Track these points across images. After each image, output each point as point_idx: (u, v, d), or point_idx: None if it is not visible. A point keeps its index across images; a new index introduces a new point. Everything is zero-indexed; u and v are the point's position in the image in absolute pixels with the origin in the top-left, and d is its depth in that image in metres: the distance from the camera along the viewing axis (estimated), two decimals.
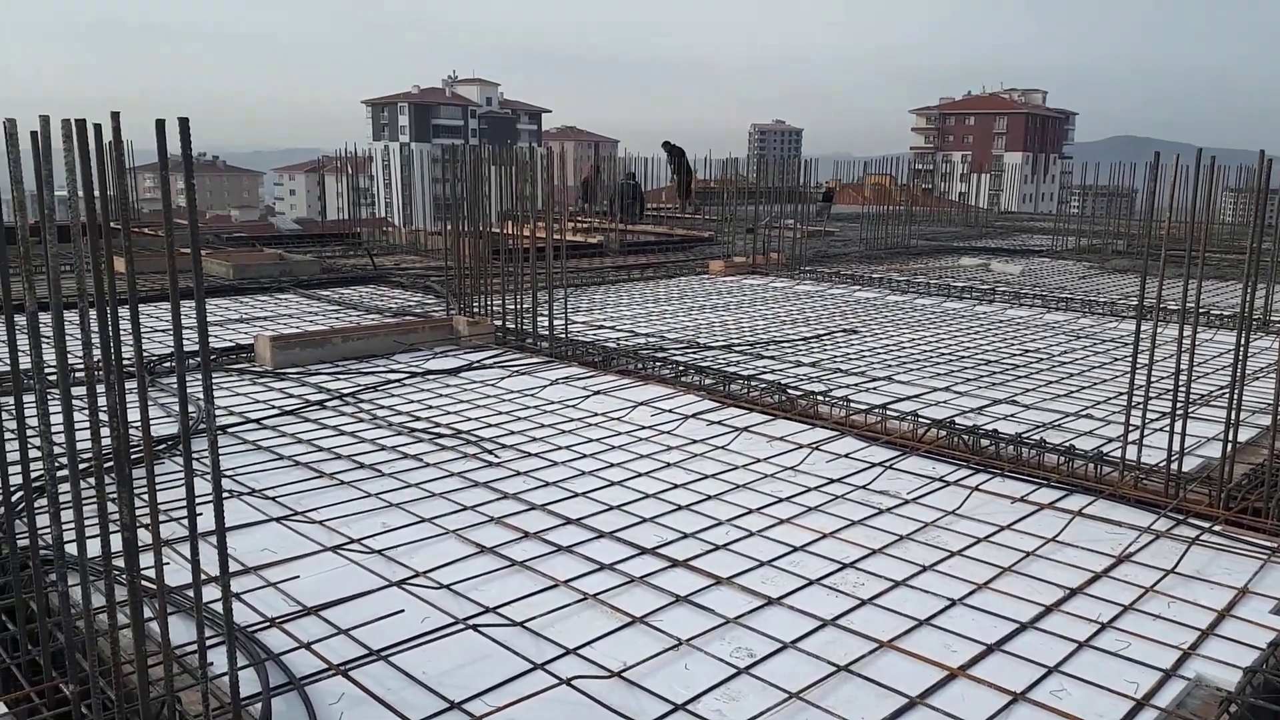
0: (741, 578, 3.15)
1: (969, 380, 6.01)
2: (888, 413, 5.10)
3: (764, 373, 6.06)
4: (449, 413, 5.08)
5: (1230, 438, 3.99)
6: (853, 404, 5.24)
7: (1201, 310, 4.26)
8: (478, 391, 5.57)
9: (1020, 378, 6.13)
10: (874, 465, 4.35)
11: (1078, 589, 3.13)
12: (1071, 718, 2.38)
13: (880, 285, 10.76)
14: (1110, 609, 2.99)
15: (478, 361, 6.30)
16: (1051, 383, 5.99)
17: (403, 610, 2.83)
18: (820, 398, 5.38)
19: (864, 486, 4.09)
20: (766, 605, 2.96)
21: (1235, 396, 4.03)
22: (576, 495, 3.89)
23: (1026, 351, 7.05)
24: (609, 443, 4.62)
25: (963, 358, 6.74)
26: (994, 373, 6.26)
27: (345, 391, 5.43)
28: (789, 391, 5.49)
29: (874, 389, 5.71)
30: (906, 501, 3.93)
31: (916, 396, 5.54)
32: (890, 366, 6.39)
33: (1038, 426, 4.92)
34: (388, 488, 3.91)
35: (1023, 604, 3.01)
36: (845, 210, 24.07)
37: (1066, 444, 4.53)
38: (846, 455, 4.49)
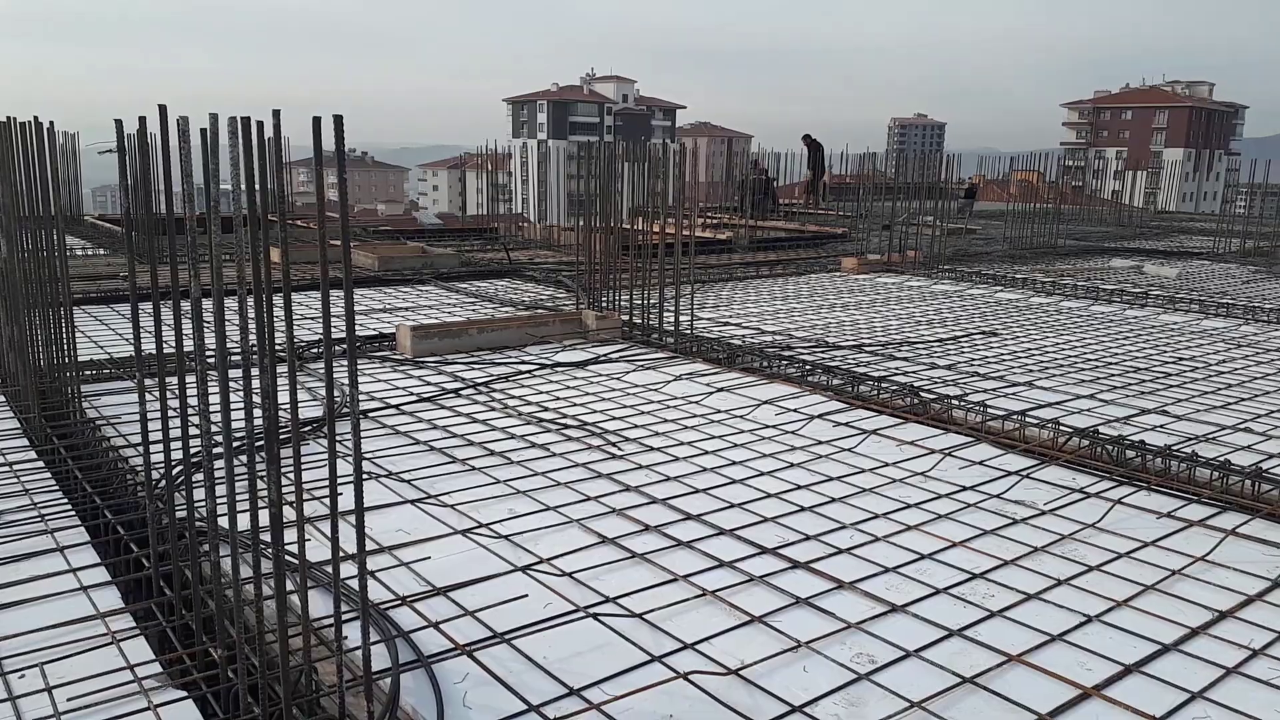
0: (865, 583, 3.09)
1: (1116, 388, 5.70)
2: (1026, 420, 4.90)
3: (896, 374, 5.92)
4: (575, 404, 5.18)
5: None
6: (989, 410, 5.06)
7: None
8: (603, 385, 5.65)
9: (1172, 387, 5.77)
10: (1010, 474, 4.19)
11: (1228, 612, 2.94)
12: None
13: (1024, 286, 10.33)
14: (1264, 635, 2.79)
15: (604, 355, 6.40)
16: (1206, 393, 5.62)
17: (527, 595, 2.91)
18: (955, 402, 5.21)
19: (998, 495, 3.95)
20: (890, 612, 2.90)
21: None
22: (697, 491, 3.90)
23: (1180, 359, 6.63)
24: (731, 440, 4.61)
25: (1110, 364, 6.40)
26: (1143, 381, 5.92)
27: (479, 381, 5.61)
28: (921, 394, 5.35)
29: (1013, 395, 5.50)
30: (1043, 513, 3.77)
31: (1058, 404, 5.29)
32: (1031, 372, 6.13)
33: (1190, 439, 4.62)
34: (515, 475, 4.02)
35: (1166, 624, 2.85)
36: (989, 208, 23.18)
37: (1221, 458, 4.24)
38: (981, 463, 4.34)
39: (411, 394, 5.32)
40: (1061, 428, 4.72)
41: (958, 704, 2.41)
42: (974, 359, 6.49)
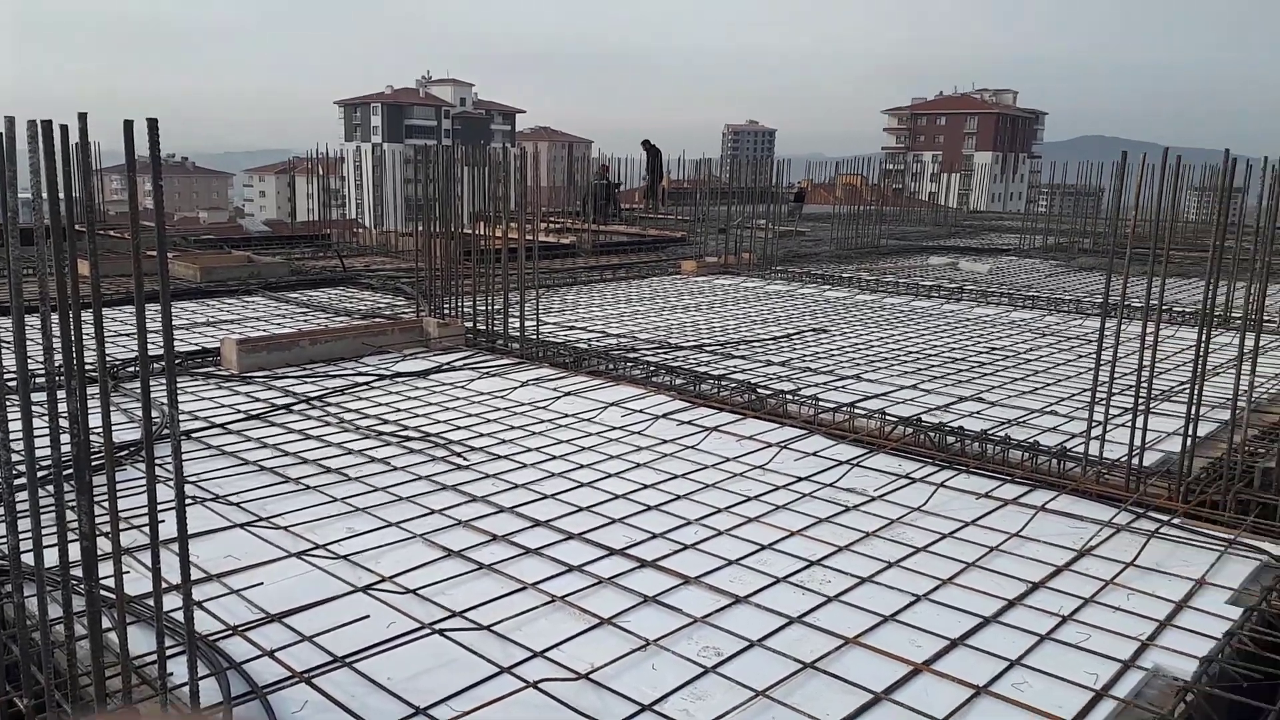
0: (709, 577, 3.16)
1: (936, 378, 6.07)
2: (855, 411, 5.14)
3: (734, 372, 6.08)
4: (417, 415, 5.06)
5: (1190, 432, 4.06)
6: (821, 402, 5.28)
7: (1164, 307, 4.34)
8: (447, 394, 5.55)
9: (986, 375, 6.19)
10: (841, 463, 4.39)
11: (1040, 583, 3.17)
12: (1033, 710, 2.41)
13: (850, 285, 10.83)
14: (1072, 602, 3.04)
15: (447, 364, 6.28)
16: (1016, 380, 6.06)
17: (368, 616, 2.82)
18: (789, 397, 5.41)
19: (831, 484, 4.12)
20: (734, 604, 2.98)
21: (1195, 392, 4.09)
22: (545, 497, 3.88)
23: (992, 349, 7.12)
24: (579, 444, 4.63)
25: (930, 356, 6.80)
26: (960, 370, 6.32)
27: (312, 395, 5.40)
28: (758, 391, 5.52)
29: (842, 387, 5.75)
30: (873, 499, 3.97)
31: (884, 394, 5.58)
32: (859, 365, 6.43)
33: (1002, 423, 4.97)
34: (354, 492, 3.89)
35: (986, 599, 3.05)
36: (817, 210, 24.20)
37: (1030, 440, 4.58)
38: (815, 453, 4.52)
39: (239, 411, 5.06)
40: (888, 417, 4.97)
41: (799, 689, 2.50)
42: (806, 355, 6.75)
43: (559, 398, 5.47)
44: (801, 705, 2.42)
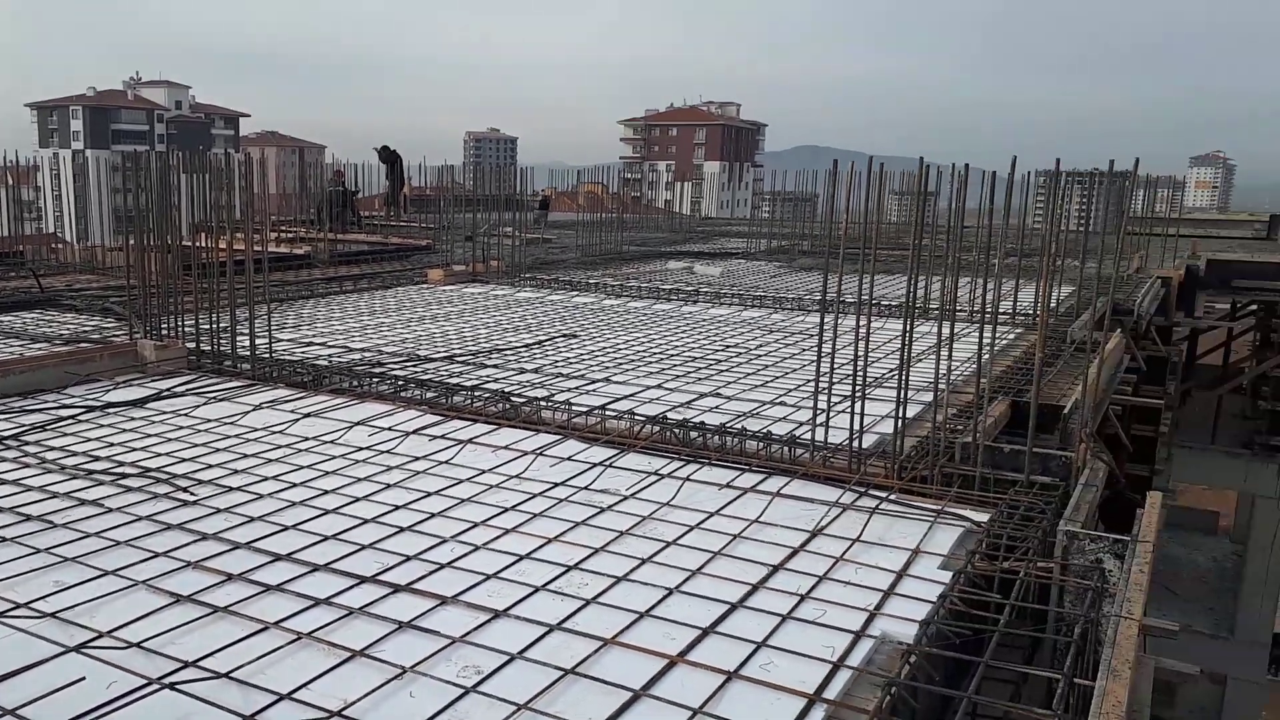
0: (468, 594, 3.11)
1: (679, 376, 6.32)
2: (606, 413, 5.24)
3: (487, 382, 6.02)
4: (134, 449, 4.60)
5: (900, 415, 4.48)
6: (574, 407, 5.34)
7: (874, 301, 4.77)
8: (168, 423, 5.09)
9: (723, 371, 6.53)
10: (595, 465, 4.46)
11: (779, 565, 3.38)
12: (780, 689, 2.56)
13: (596, 290, 11.06)
14: (808, 580, 3.26)
15: (167, 390, 5.76)
16: (750, 374, 6.44)
17: (83, 678, 2.52)
18: (543, 403, 5.43)
19: (586, 487, 4.18)
20: (494, 619, 2.94)
21: (903, 378, 4.53)
22: (286, 529, 3.65)
23: (728, 347, 7.52)
24: (322, 469, 4.39)
25: (672, 356, 7.08)
26: (700, 368, 6.62)
27: (6, 433, 4.77)
28: (512, 399, 5.50)
29: (593, 391, 5.85)
30: (626, 497, 4.06)
31: (632, 395, 5.74)
32: (608, 368, 6.58)
33: (739, 416, 5.26)
34: (61, 540, 3.47)
35: (733, 585, 3.21)
36: (561, 218, 24.54)
37: (764, 430, 4.88)
38: (569, 458, 4.57)
39: None
40: (636, 417, 5.12)
41: (561, 696, 2.51)
42: (558, 360, 6.82)
43: (297, 420, 5.17)
44: (564, 712, 2.43)
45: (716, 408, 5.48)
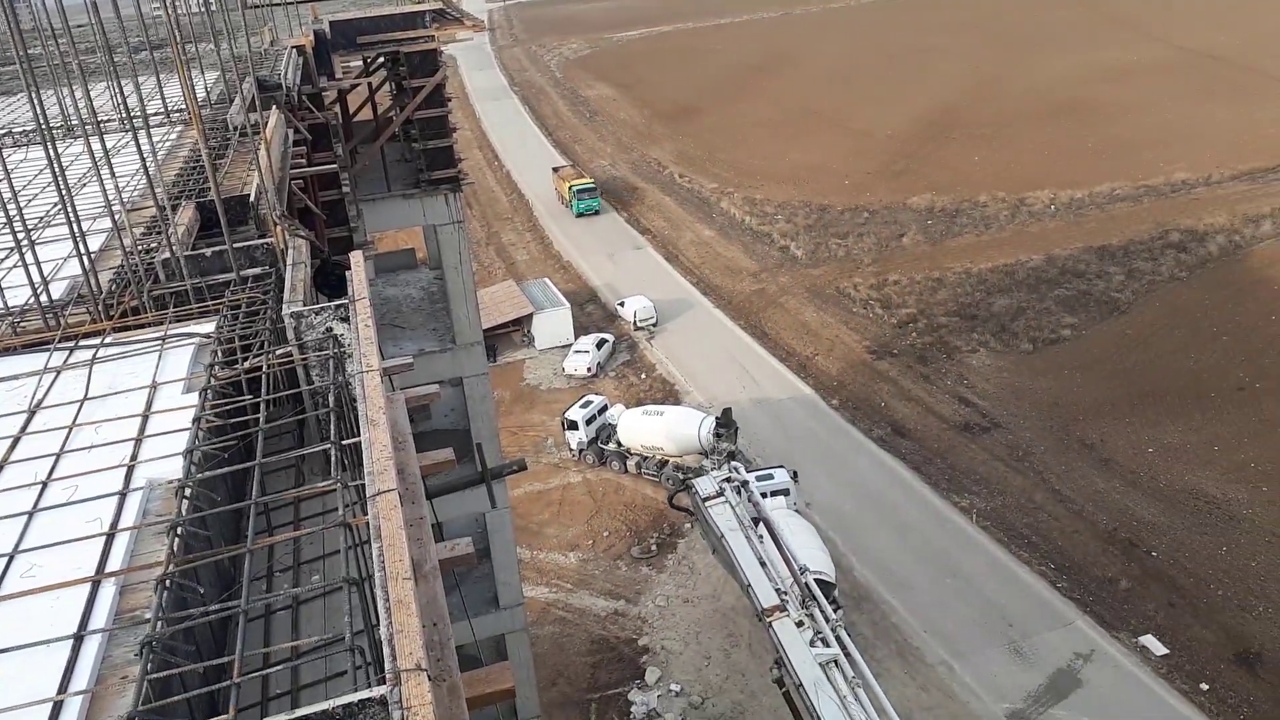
0: None
1: None
2: None
3: None
4: None
5: (84, 251, 4.02)
6: None
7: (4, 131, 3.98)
8: None
9: None
10: None
11: (4, 460, 2.92)
12: (55, 586, 2.29)
13: None
14: (45, 464, 2.89)
15: None
16: None
17: None
18: None
19: None
20: None
21: (70, 210, 4.01)
22: None
23: None
24: None
25: None
26: None
27: None
28: None
29: None
30: None
31: None
32: None
33: None
34: None
35: None
36: None
37: None
38: None
39: None
40: None
41: None
42: None
43: None
44: None
45: None
